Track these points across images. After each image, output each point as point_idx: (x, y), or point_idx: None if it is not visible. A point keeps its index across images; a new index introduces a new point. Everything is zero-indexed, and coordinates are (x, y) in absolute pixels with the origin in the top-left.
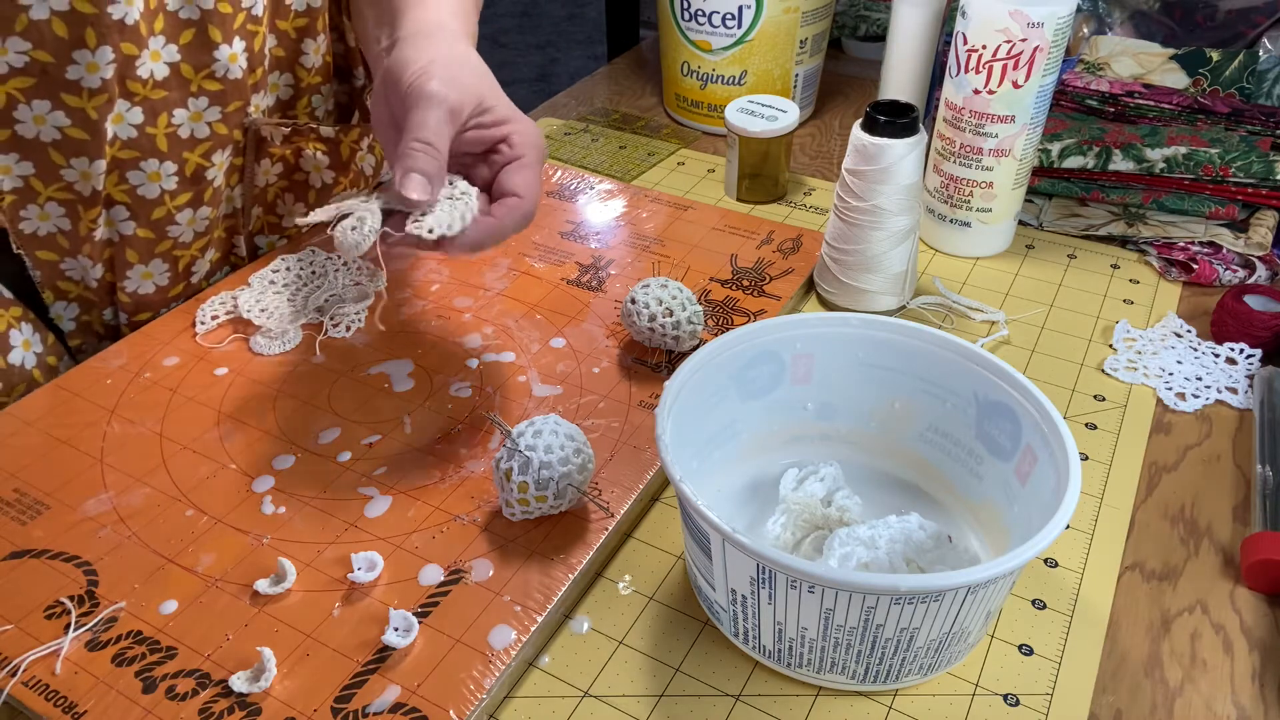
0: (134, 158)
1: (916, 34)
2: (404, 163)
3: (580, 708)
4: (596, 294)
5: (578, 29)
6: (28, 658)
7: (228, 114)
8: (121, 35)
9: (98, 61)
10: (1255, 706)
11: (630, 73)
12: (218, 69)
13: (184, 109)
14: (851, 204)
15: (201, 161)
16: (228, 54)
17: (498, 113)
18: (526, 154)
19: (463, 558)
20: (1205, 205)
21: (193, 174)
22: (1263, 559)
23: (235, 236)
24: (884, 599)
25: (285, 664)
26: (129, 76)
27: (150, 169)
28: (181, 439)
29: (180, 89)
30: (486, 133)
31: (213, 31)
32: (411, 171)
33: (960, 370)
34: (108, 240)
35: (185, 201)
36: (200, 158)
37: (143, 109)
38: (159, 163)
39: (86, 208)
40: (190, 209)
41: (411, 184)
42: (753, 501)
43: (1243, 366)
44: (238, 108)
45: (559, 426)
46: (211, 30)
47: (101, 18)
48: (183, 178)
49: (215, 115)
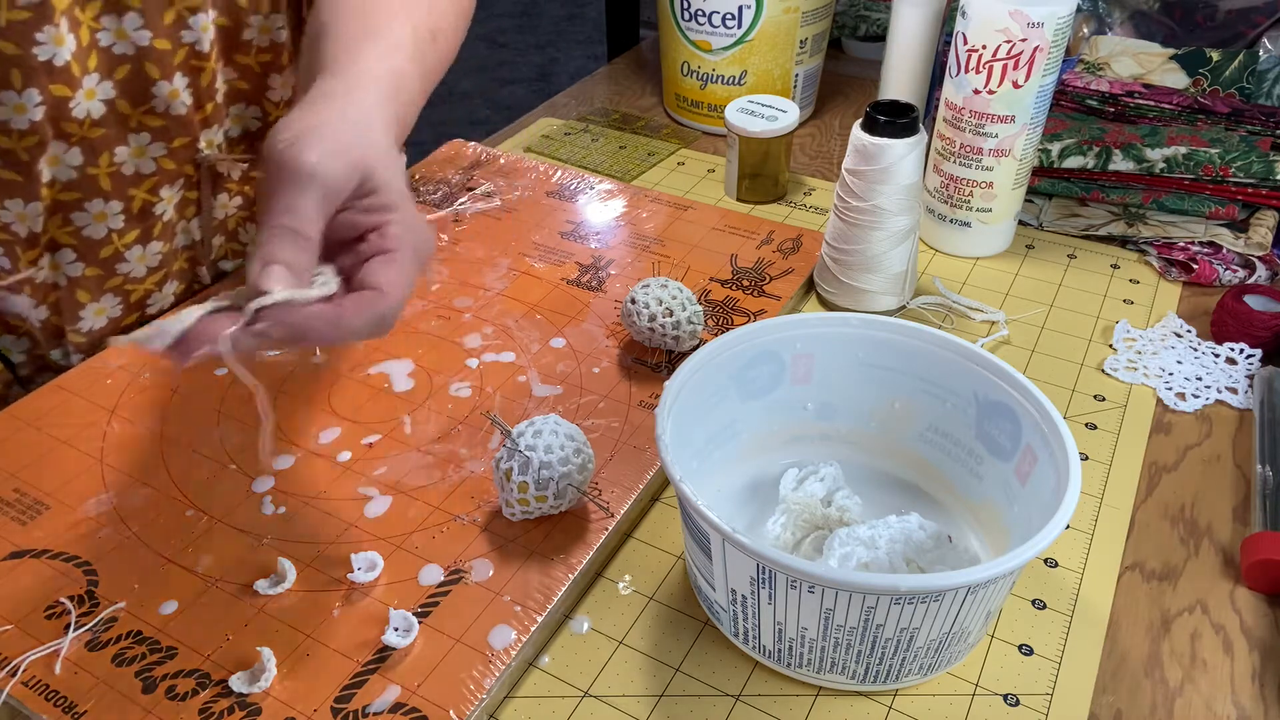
0: (76, 199)
1: (916, 34)
2: (265, 251)
3: (580, 708)
4: (596, 294)
5: (578, 29)
6: (28, 658)
7: (174, 149)
8: (50, 77)
9: (25, 103)
10: (1255, 706)
11: (630, 73)
12: (158, 104)
13: (125, 146)
14: (851, 204)
15: (149, 197)
16: (167, 90)
17: (381, 198)
18: (399, 249)
19: (463, 558)
20: (1205, 205)
21: (140, 210)
22: (1263, 559)
23: (198, 267)
24: (884, 599)
25: (285, 664)
26: (62, 118)
27: (95, 209)
28: (181, 439)
29: (119, 126)
30: (361, 218)
31: (149, 68)
32: (272, 264)
33: (960, 370)
34: (53, 284)
35: (134, 239)
36: (147, 193)
37: (81, 149)
38: (104, 202)
39: (25, 248)
40: (140, 245)
41: (271, 277)
42: (753, 501)
43: (1243, 366)
44: (185, 143)
45: (559, 426)
46: (148, 67)
47: (26, 58)
48: (130, 215)
49: (160, 150)
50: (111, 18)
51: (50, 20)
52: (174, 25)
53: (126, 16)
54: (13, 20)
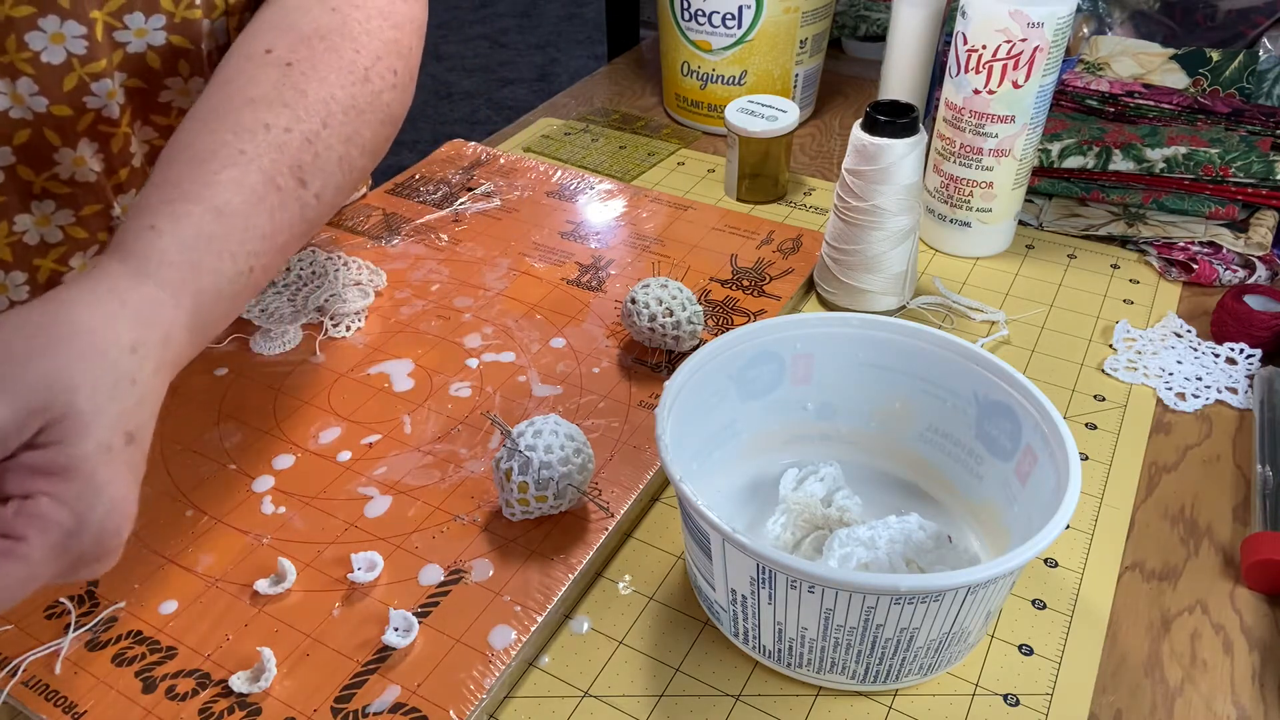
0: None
1: (916, 34)
2: None
3: (580, 708)
4: (596, 294)
5: (578, 29)
6: (28, 658)
7: (84, 218)
8: None
9: None
10: (1255, 706)
11: (630, 73)
12: (61, 171)
13: (28, 214)
14: (851, 204)
15: (57, 267)
16: (72, 157)
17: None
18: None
19: (463, 558)
20: (1205, 205)
21: (47, 280)
22: (1263, 559)
23: None
24: (884, 599)
25: (285, 664)
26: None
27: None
28: (181, 439)
29: (20, 193)
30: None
31: (49, 134)
32: None
33: (960, 370)
34: None
35: None
36: (55, 263)
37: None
38: (4, 273)
39: None
40: None
41: None
42: (753, 501)
43: (1243, 366)
44: (97, 210)
45: (559, 426)
46: (48, 133)
47: None
48: (35, 286)
49: (68, 219)
50: (5, 81)
51: None
52: (75, 91)
53: (20, 81)
54: None
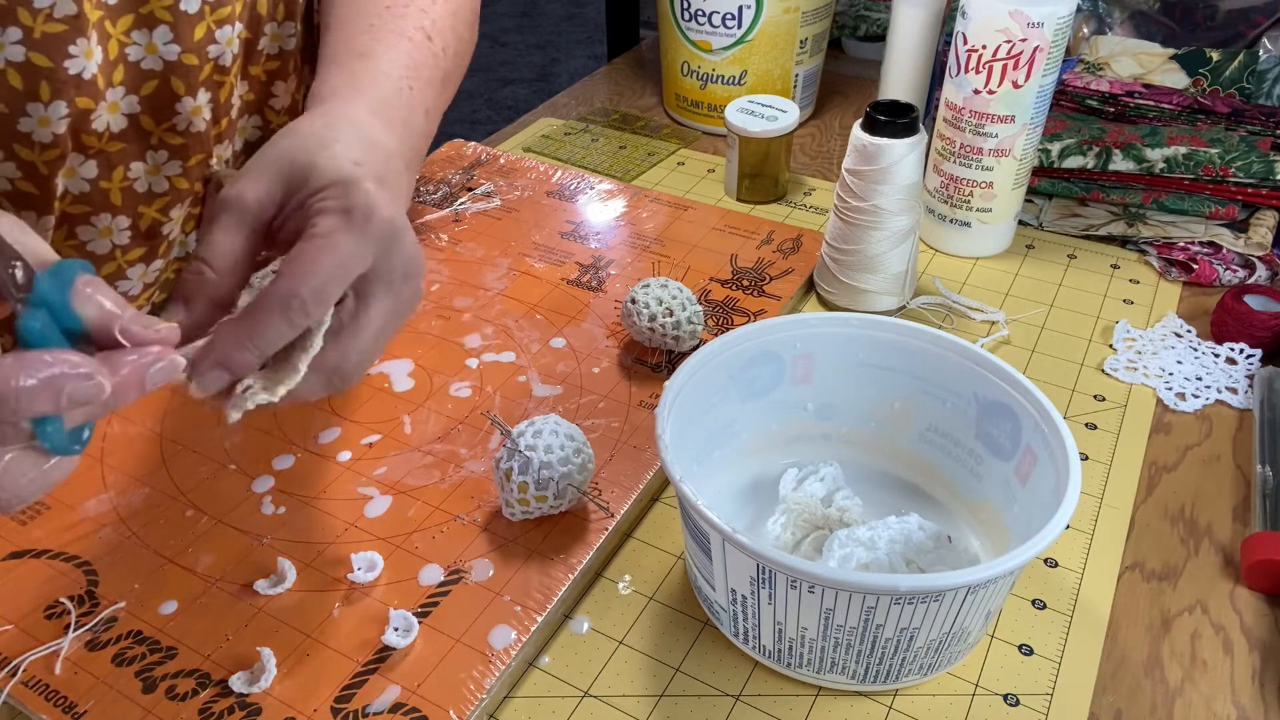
0: (85, 213)
1: (916, 34)
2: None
3: (580, 708)
4: (596, 294)
5: (578, 29)
6: (28, 658)
7: (189, 168)
8: (78, 90)
9: (50, 116)
10: (1255, 706)
11: (630, 73)
12: (179, 122)
13: (141, 162)
14: (851, 204)
15: (158, 216)
16: (190, 106)
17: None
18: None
19: (463, 558)
20: (1205, 205)
21: (148, 229)
22: (1263, 559)
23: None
24: (884, 599)
25: (285, 664)
26: (83, 130)
27: (102, 224)
28: (181, 439)
29: (139, 142)
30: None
31: (176, 83)
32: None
33: (960, 370)
34: None
35: (138, 256)
36: (157, 213)
37: (97, 162)
38: (111, 217)
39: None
40: (143, 264)
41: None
42: (753, 501)
43: (1243, 366)
44: (199, 160)
45: (559, 426)
46: (175, 82)
47: (57, 72)
48: (136, 232)
49: (175, 169)
50: (142, 32)
51: (83, 33)
52: (202, 40)
53: (157, 30)
54: (47, 33)
